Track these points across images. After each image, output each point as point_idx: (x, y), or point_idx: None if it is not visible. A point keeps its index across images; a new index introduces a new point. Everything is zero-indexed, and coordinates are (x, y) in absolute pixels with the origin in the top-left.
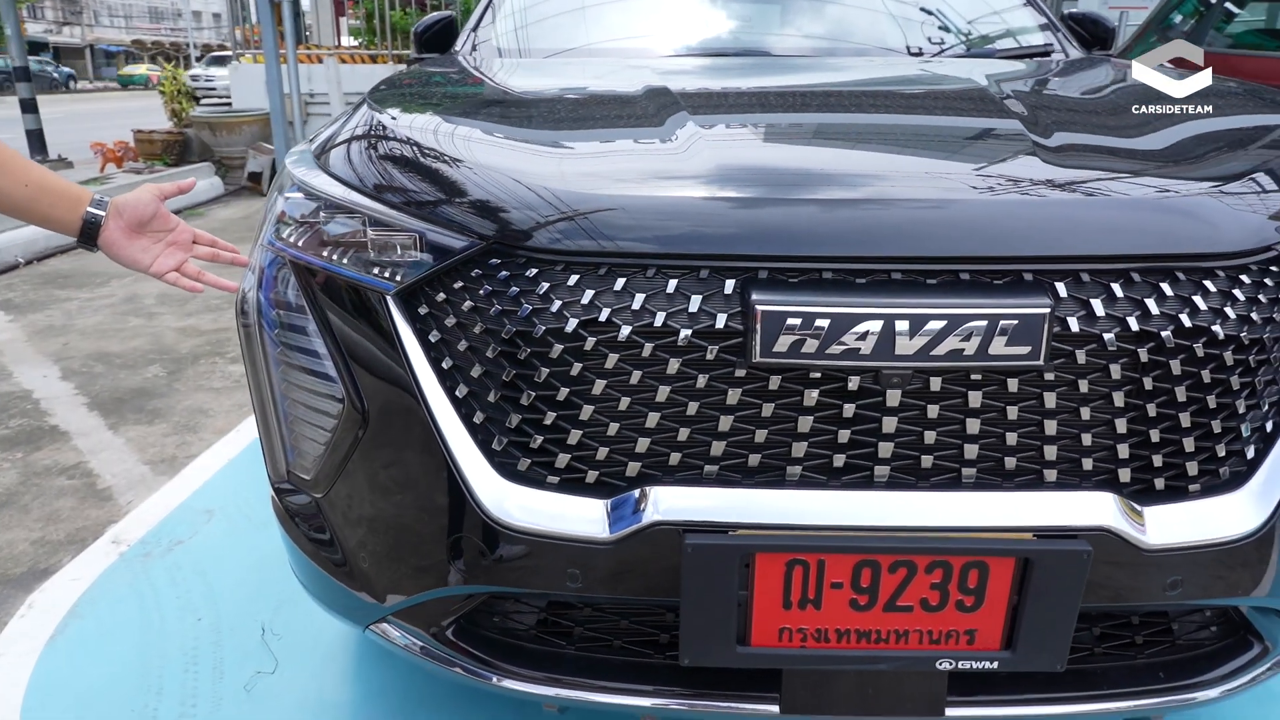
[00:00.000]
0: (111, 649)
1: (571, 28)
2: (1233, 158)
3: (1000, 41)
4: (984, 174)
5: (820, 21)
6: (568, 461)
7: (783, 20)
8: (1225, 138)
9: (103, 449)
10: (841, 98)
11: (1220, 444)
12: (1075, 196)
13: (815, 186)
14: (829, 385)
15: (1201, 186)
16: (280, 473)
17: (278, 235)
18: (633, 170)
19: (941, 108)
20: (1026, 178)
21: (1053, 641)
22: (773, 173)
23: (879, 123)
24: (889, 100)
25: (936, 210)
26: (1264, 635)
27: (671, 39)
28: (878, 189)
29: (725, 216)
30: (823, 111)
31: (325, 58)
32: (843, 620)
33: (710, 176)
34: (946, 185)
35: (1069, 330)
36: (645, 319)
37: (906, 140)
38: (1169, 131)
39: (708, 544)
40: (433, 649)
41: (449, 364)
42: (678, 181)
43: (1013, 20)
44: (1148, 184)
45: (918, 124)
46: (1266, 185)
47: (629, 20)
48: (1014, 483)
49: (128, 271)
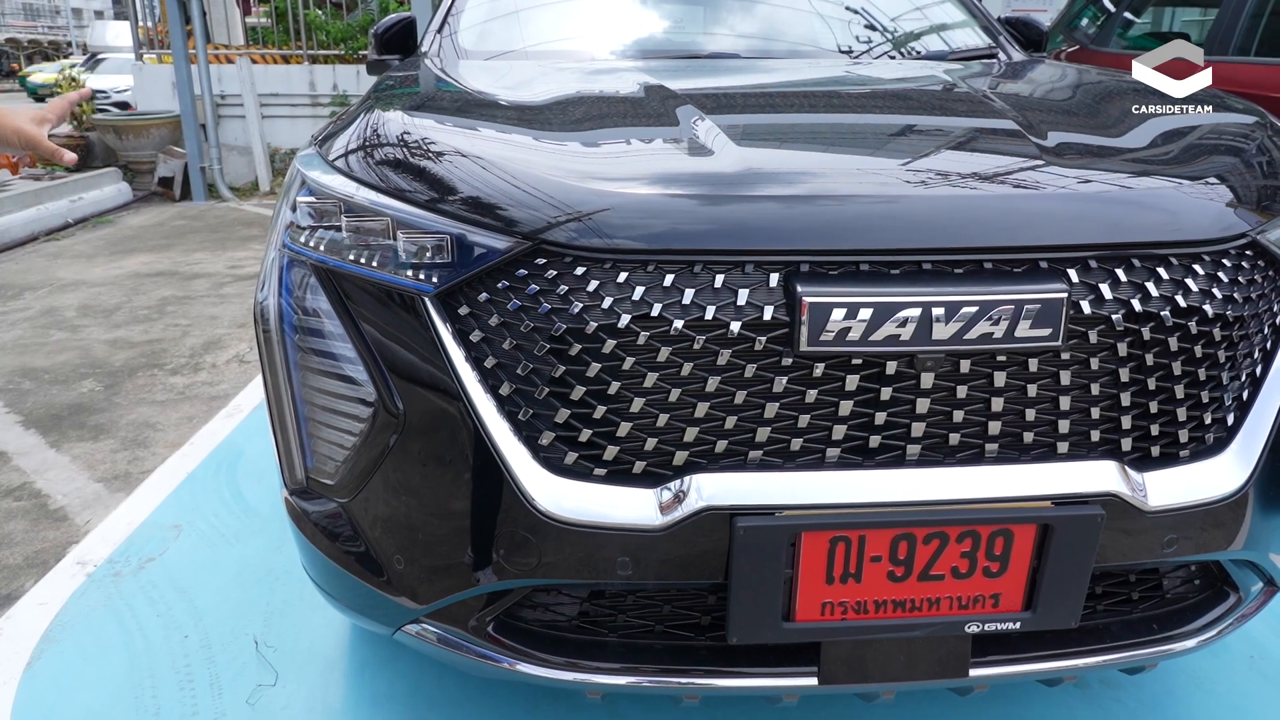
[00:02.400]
0: (97, 672)
1: (539, 30)
2: (1203, 154)
3: (952, 43)
4: (998, 172)
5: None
6: (616, 454)
7: (752, 23)
8: (1191, 135)
9: (48, 468)
10: (837, 97)
11: (1207, 413)
12: (1081, 190)
13: (848, 183)
14: (869, 370)
15: (1184, 181)
16: (298, 479)
17: (294, 240)
18: (672, 171)
19: (940, 109)
20: (1035, 175)
21: (1068, 601)
22: (806, 171)
23: (884, 123)
24: (886, 101)
25: (961, 205)
26: (1239, 585)
27: (645, 39)
28: (905, 186)
29: (769, 213)
30: (826, 110)
31: (238, 58)
32: (881, 592)
33: (747, 176)
34: (967, 183)
35: (1081, 312)
36: (695, 313)
37: (919, 141)
38: (1142, 130)
39: (758, 525)
40: (472, 645)
41: (492, 362)
42: (718, 181)
43: (962, 24)
44: (1139, 180)
45: (925, 124)
46: (1237, 180)
47: (596, 21)
48: (1032, 455)
49: (40, 283)
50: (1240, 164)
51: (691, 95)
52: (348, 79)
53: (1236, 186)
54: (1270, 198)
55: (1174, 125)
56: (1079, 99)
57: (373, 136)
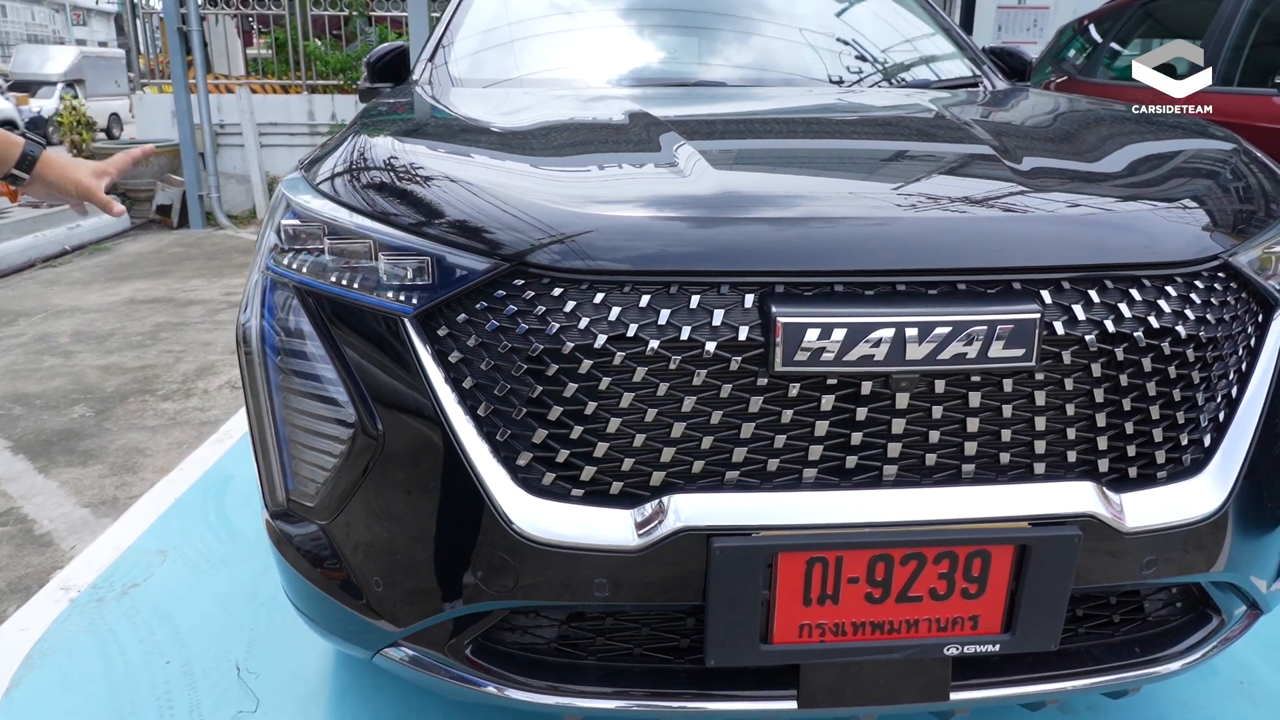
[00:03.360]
0: (76, 698)
1: (527, 59)
2: (1176, 178)
3: (936, 73)
4: (972, 195)
5: (770, 54)
6: (593, 474)
7: (740, 53)
8: (1165, 160)
9: (35, 493)
10: (819, 124)
11: (1183, 434)
12: (1053, 214)
13: (824, 206)
14: (843, 391)
15: (1156, 204)
16: (279, 501)
17: (278, 262)
18: (649, 193)
19: (919, 135)
20: (1009, 198)
21: (1047, 622)
22: (782, 194)
23: (864, 148)
24: (866, 127)
25: (935, 227)
26: (1220, 608)
27: (632, 69)
28: (880, 209)
29: (744, 235)
30: (807, 136)
31: (237, 87)
32: (859, 613)
33: (724, 198)
34: (941, 205)
35: (1054, 333)
36: (671, 333)
37: (896, 165)
38: (1118, 156)
39: (734, 546)
40: (451, 668)
41: (470, 383)
42: (695, 204)
43: (947, 54)
44: (1112, 203)
45: (902, 149)
46: (1209, 203)
47: (585, 51)
48: (1009, 476)
49: (35, 309)
50: (1212, 188)
51: (675, 122)
52: (346, 108)
53: (1208, 210)
54: (1242, 221)
55: (1149, 150)
56: (1057, 125)
57: (356, 161)
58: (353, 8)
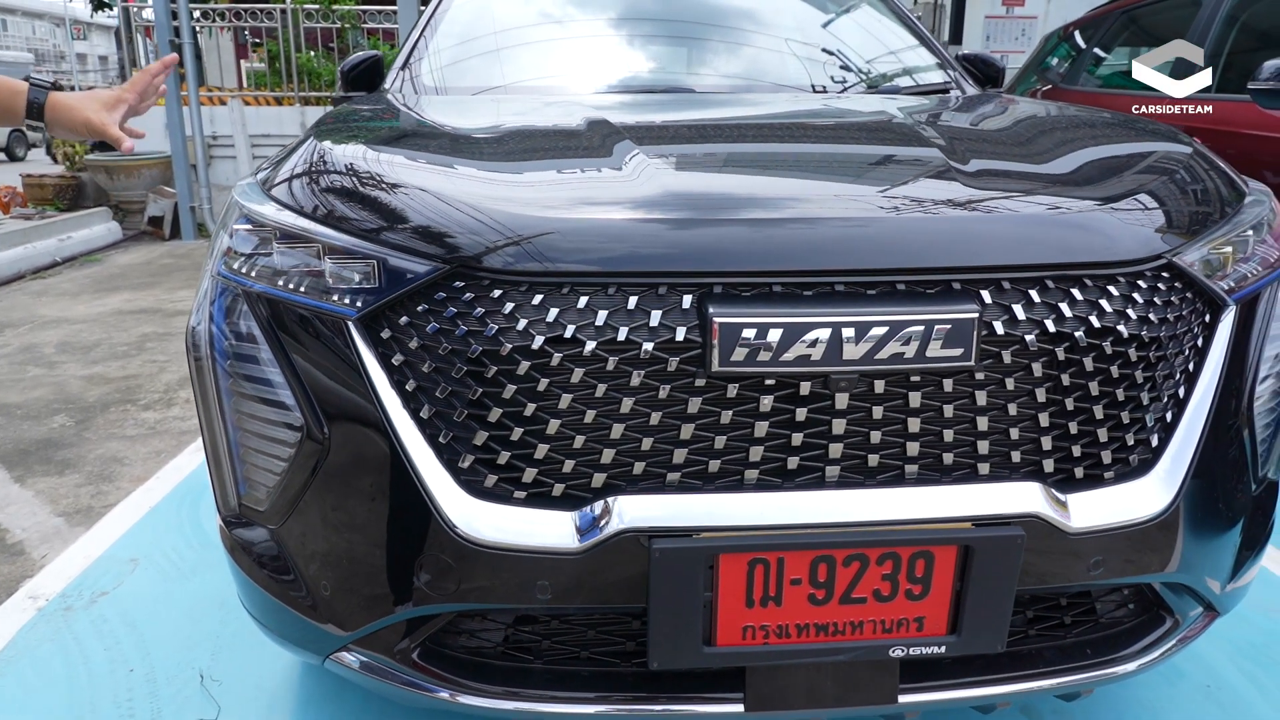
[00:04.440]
0: (36, 706)
1: (500, 67)
2: (1124, 180)
3: (906, 79)
4: (913, 195)
5: (740, 61)
6: (534, 476)
7: (707, 60)
8: (1115, 163)
9: (10, 503)
10: (774, 129)
11: (1129, 434)
12: (994, 214)
13: (762, 207)
14: (782, 391)
15: (1100, 205)
16: (231, 506)
17: (228, 267)
18: (591, 196)
19: (869, 138)
20: (951, 198)
21: (993, 623)
22: (722, 195)
23: (806, 150)
24: (819, 131)
25: (873, 228)
26: (1174, 609)
27: (597, 77)
28: (818, 209)
29: (681, 236)
30: (759, 141)
31: (230, 99)
32: (802, 615)
33: (664, 200)
34: (881, 205)
35: (994, 333)
36: (608, 334)
37: (836, 166)
38: (1068, 158)
39: (674, 548)
40: (397, 672)
41: (413, 385)
42: (634, 205)
43: (917, 61)
44: (1054, 202)
45: (849, 152)
46: (1154, 204)
47: (554, 59)
48: (952, 476)
49: (22, 320)
50: (1160, 189)
51: (631, 128)
52: None
53: (1154, 210)
54: (1189, 221)
55: (1100, 153)
56: (1014, 129)
57: (306, 167)
58: (345, 20)
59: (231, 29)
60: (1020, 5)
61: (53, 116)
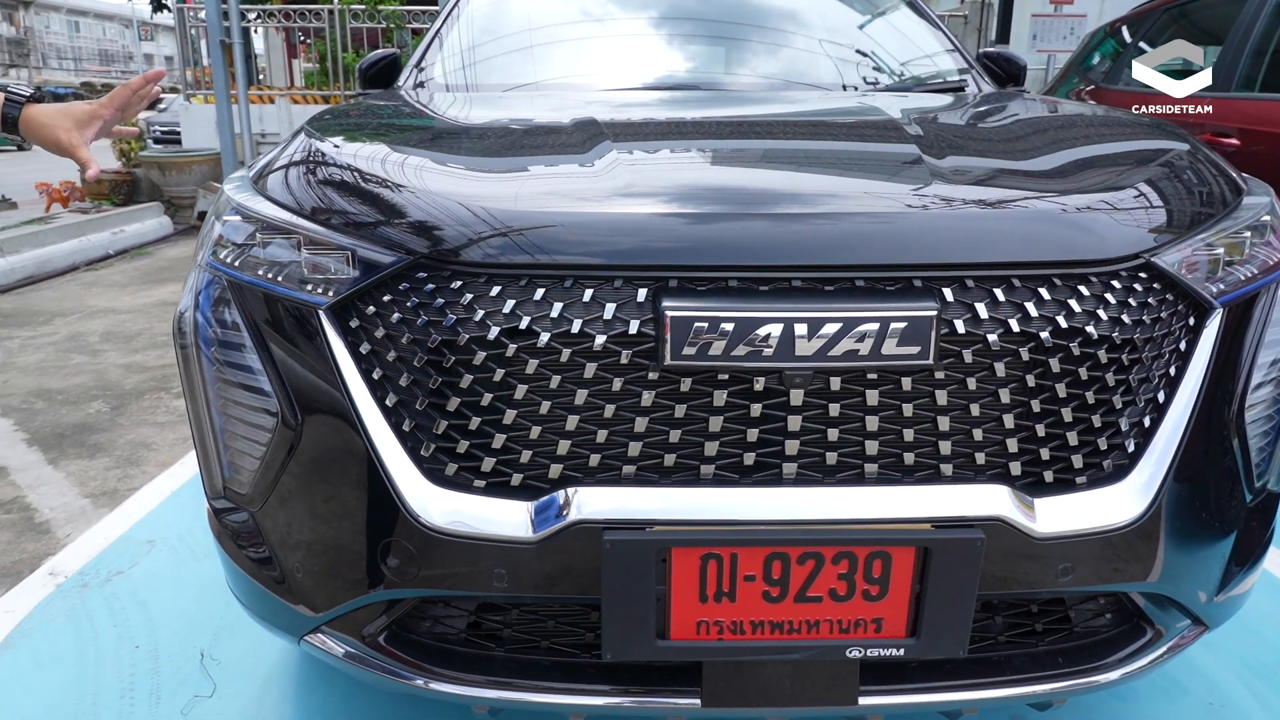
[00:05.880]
0: (46, 678)
1: (511, 66)
2: (1105, 178)
3: (918, 77)
4: (877, 190)
5: (742, 58)
6: (493, 465)
7: (708, 58)
8: (1102, 160)
9: (42, 483)
10: (751, 126)
11: (1101, 438)
12: (958, 210)
13: (719, 202)
14: (737, 386)
15: (1073, 202)
16: (217, 489)
17: (215, 256)
18: (554, 190)
19: (847, 134)
20: (916, 193)
21: (954, 628)
22: (681, 191)
23: (782, 146)
24: (795, 128)
25: (832, 223)
26: (1154, 620)
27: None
28: (778, 205)
29: (636, 230)
30: (737, 138)
31: (277, 98)
32: (757, 612)
33: (622, 194)
34: (841, 200)
35: (956, 332)
36: (563, 326)
37: (807, 162)
38: (1053, 155)
39: (625, 540)
40: (365, 656)
41: (379, 374)
42: (592, 199)
43: (932, 58)
44: (1025, 199)
45: (823, 148)
46: (1134, 202)
47: (557, 59)
48: (914, 477)
49: (72, 310)
50: (1145, 187)
51: (615, 125)
52: None
53: (1134, 209)
54: (1172, 221)
55: (1089, 150)
56: (1009, 126)
57: (292, 162)
58: (391, 20)
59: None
60: (1069, 3)
61: (26, 131)
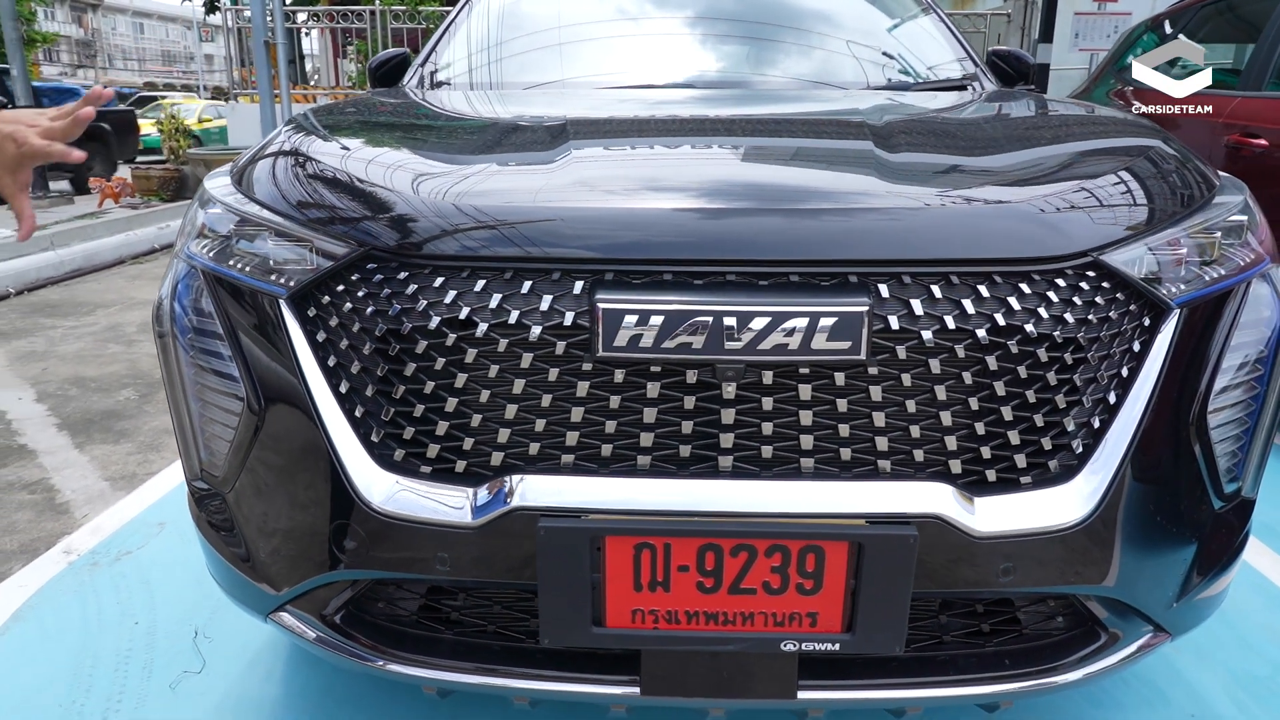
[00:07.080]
0: (49, 650)
1: (509, 66)
2: (1061, 175)
3: (916, 76)
4: (817, 186)
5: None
6: (438, 452)
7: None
8: (1063, 158)
9: (66, 466)
10: (720, 124)
11: (1045, 438)
12: (897, 206)
13: (658, 198)
14: (670, 379)
15: (1020, 199)
16: (195, 472)
17: (191, 248)
18: (502, 185)
19: (805, 131)
20: (857, 189)
21: (890, 624)
22: (623, 186)
23: (740, 143)
24: (759, 125)
25: (765, 218)
26: (1109, 625)
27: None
28: (714, 199)
29: (574, 224)
30: (693, 135)
31: (319, 97)
32: (691, 602)
33: (565, 190)
34: (778, 196)
35: (890, 328)
36: (501, 317)
37: (758, 158)
38: (1015, 152)
39: (558, 527)
40: (323, 635)
41: (333, 362)
42: (535, 194)
43: (934, 57)
44: (970, 196)
45: (774, 144)
46: (1085, 200)
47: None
48: (851, 473)
49: (114, 301)
50: (1100, 185)
51: (581, 123)
52: None
53: (1085, 206)
54: (1126, 219)
55: (1057, 149)
56: (981, 123)
57: (268, 158)
58: (431, 21)
59: (328, 30)
60: (1114, 1)
61: None
